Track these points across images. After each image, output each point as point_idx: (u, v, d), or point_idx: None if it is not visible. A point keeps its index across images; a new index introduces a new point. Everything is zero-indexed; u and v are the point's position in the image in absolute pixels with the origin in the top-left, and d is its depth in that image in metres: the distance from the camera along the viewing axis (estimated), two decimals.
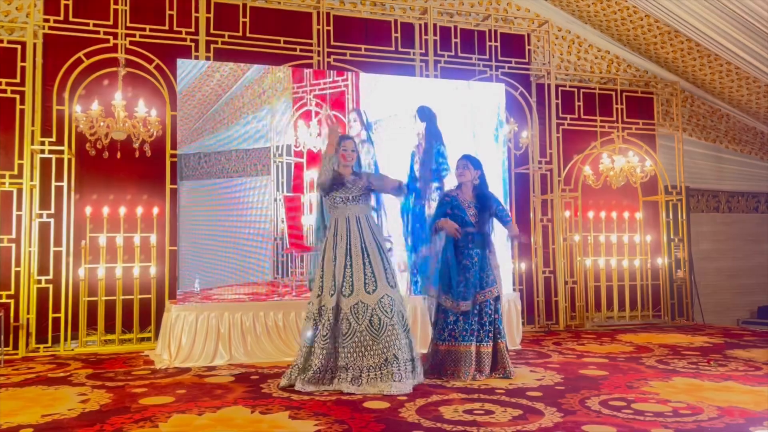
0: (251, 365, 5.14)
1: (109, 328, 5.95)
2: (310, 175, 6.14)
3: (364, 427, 3.25)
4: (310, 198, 6.14)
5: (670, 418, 3.39)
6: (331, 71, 6.54)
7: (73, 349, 5.77)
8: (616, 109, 8.30)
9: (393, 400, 3.82)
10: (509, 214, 4.85)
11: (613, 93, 8.32)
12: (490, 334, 4.55)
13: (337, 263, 4.27)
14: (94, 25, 6.24)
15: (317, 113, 6.21)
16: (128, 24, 6.32)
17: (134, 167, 6.21)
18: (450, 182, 5.06)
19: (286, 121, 6.17)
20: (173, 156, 6.05)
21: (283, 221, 6.09)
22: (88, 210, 5.98)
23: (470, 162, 4.77)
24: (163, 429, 3.24)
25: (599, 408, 3.61)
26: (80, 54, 6.10)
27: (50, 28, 6.16)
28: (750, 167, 9.41)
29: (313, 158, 6.19)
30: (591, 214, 7.90)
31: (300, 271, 5.99)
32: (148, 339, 6.02)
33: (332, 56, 6.95)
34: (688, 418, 3.37)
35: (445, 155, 5.47)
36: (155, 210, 6.17)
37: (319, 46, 6.92)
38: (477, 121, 6.68)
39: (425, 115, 5.28)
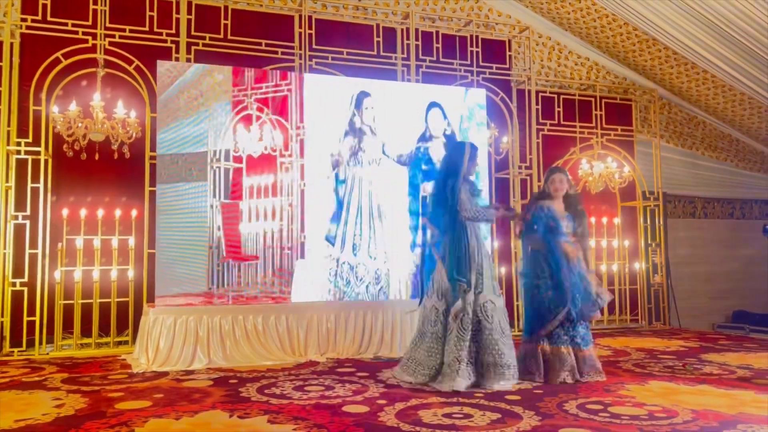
0: (230, 369, 5.11)
1: (86, 332, 5.87)
2: (250, 181, 6.01)
3: (342, 431, 3.24)
4: (249, 204, 6.00)
5: (645, 421, 3.43)
6: (275, 73, 6.26)
7: (48, 353, 5.68)
8: (595, 115, 8.39)
9: (373, 404, 3.82)
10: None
11: (593, 99, 8.42)
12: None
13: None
14: (73, 25, 6.18)
15: (258, 117, 6.06)
16: (107, 24, 6.26)
17: (113, 169, 6.14)
18: None
19: (225, 125, 5.97)
20: (152, 158, 6.00)
21: (219, 229, 5.90)
22: (65, 212, 5.90)
23: (565, 175, 4.94)
24: None
25: (577, 411, 3.65)
26: (58, 54, 6.02)
27: (28, 27, 6.08)
28: (725, 174, 9.58)
29: (253, 164, 6.03)
30: None
31: (235, 281, 5.83)
32: (126, 343, 5.95)
33: (314, 59, 6.95)
34: (663, 421, 3.41)
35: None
36: (134, 212, 6.11)
37: (300, 49, 6.91)
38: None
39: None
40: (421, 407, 3.75)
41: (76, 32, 6.18)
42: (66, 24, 6.16)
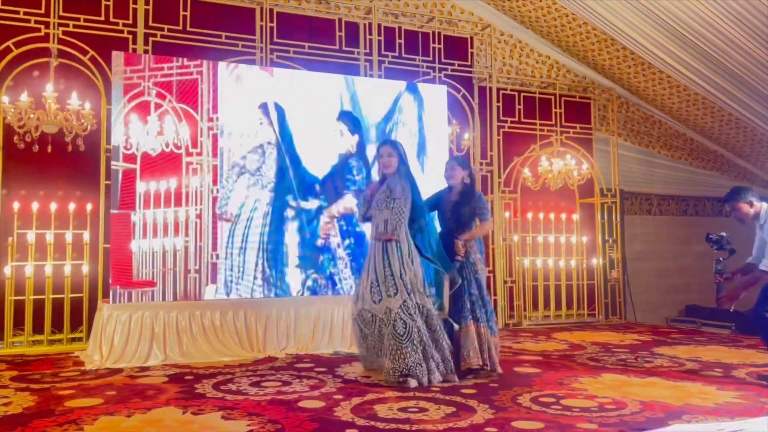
0: (186, 365, 5.04)
1: (38, 329, 5.72)
2: (146, 186, 4.95)
3: (297, 427, 3.24)
4: (144, 216, 4.97)
5: (595, 412, 3.51)
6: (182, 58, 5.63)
7: None
8: (555, 113, 8.52)
9: (329, 399, 3.82)
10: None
11: (553, 97, 8.54)
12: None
13: None
14: (25, 13, 5.98)
15: (158, 106, 5.03)
16: (61, 13, 6.09)
17: (67, 162, 5.99)
18: None
19: (114, 115, 5.08)
20: (108, 151, 5.86)
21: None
22: (15, 205, 5.73)
23: (456, 162, 4.87)
24: None
25: (530, 404, 3.71)
26: (9, 43, 5.83)
27: None
28: (680, 172, 9.83)
29: (150, 164, 4.95)
30: (530, 215, 8.08)
31: None
32: (80, 339, 5.82)
33: (275, 53, 6.88)
34: (612, 413, 3.50)
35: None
36: (89, 206, 5.97)
37: (262, 42, 6.84)
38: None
39: (353, 124, 5.35)
40: (377, 402, 3.76)
41: (29, 20, 6.00)
42: (18, 12, 5.97)
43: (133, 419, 3.38)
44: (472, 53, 8.02)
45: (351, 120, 6.26)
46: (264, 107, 5.89)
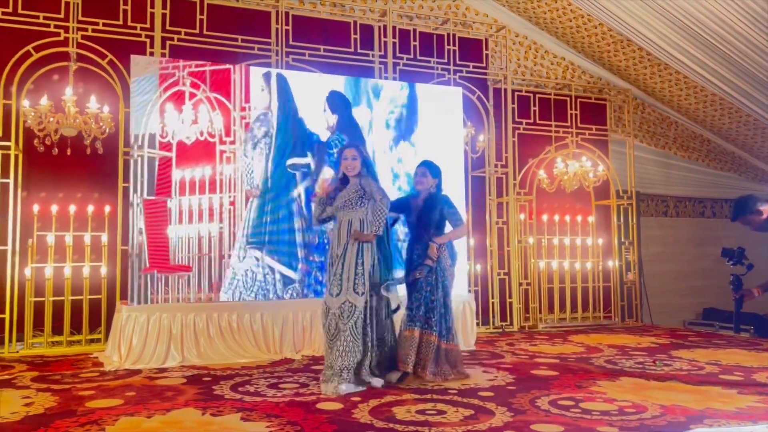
0: (204, 367, 5.07)
1: (57, 330, 5.79)
2: (182, 173, 5.04)
3: (316, 428, 3.25)
4: (180, 202, 5.03)
5: (615, 416, 3.49)
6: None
7: (18, 351, 5.59)
8: (571, 114, 8.48)
9: (347, 401, 3.82)
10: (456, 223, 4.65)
11: (568, 99, 8.51)
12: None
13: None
14: (45, 18, 6.06)
15: (193, 95, 5.13)
16: (80, 18, 6.16)
17: (85, 164, 6.05)
18: None
19: (150, 104, 5.12)
20: (126, 153, 5.91)
21: (141, 232, 5.03)
22: (35, 207, 5.80)
23: (428, 169, 4.71)
24: None
25: (548, 407, 3.69)
26: (29, 47, 5.91)
27: None
28: (697, 173, 9.74)
29: (185, 152, 5.04)
30: (545, 217, 8.04)
31: (162, 297, 5.06)
32: (98, 340, 5.87)
33: (291, 56, 6.91)
34: (633, 417, 3.47)
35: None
36: (107, 208, 6.03)
37: (277, 45, 6.87)
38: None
39: (335, 104, 5.13)
40: (396, 404, 3.76)
41: (48, 25, 6.07)
42: (37, 17, 6.05)
43: (153, 420, 3.41)
44: (487, 55, 8.01)
45: (338, 99, 6.12)
46: (266, 76, 5.88)
